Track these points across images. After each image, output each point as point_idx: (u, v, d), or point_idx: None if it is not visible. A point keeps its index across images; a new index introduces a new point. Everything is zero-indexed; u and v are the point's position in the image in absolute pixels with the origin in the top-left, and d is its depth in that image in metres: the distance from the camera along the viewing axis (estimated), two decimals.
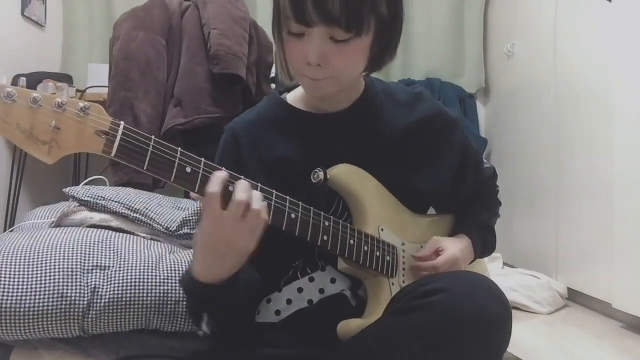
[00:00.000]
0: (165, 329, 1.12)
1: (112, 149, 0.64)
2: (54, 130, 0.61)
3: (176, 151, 0.68)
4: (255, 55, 2.13)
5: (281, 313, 0.87)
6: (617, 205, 1.79)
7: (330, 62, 0.79)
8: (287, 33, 0.80)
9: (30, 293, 1.01)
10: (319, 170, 0.83)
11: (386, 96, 0.96)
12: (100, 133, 0.63)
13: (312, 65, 0.79)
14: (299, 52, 0.79)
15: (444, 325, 0.66)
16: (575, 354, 1.63)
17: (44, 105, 0.60)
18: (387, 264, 0.86)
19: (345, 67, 0.81)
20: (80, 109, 0.62)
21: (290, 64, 0.85)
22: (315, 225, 0.78)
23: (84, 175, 2.53)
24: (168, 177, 0.67)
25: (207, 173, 0.69)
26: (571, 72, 2.21)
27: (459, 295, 0.67)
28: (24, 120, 0.59)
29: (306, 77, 0.82)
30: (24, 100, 0.59)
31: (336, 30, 0.76)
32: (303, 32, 0.78)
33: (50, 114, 0.60)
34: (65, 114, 0.61)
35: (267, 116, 0.94)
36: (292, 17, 0.76)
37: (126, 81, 1.91)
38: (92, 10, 2.79)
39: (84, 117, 0.62)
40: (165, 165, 0.67)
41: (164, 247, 1.23)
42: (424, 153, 0.95)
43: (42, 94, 0.60)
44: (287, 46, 0.82)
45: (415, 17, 2.97)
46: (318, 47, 0.77)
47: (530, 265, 2.36)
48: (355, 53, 0.80)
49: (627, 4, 1.77)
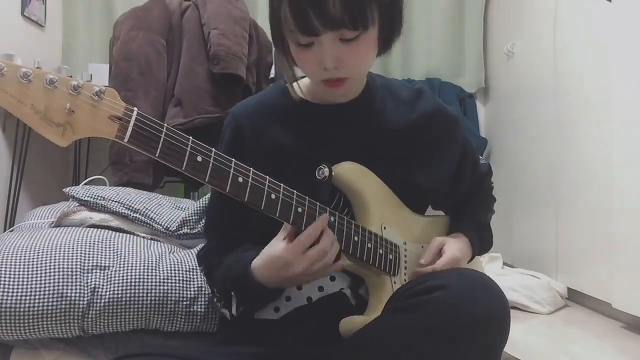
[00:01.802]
0: (165, 329, 1.12)
1: (126, 134, 0.63)
2: (69, 112, 0.60)
3: (188, 139, 0.68)
4: (255, 55, 2.13)
5: (280, 310, 0.87)
6: (617, 205, 1.79)
7: (346, 61, 0.80)
8: (295, 45, 0.80)
9: (30, 293, 1.01)
10: (324, 166, 0.83)
11: (387, 92, 0.97)
12: (114, 118, 0.63)
13: (329, 69, 0.79)
14: (313, 62, 0.80)
15: (442, 322, 0.66)
16: (575, 354, 1.63)
17: (60, 87, 0.59)
18: (389, 262, 0.86)
19: (361, 62, 0.83)
20: (95, 92, 0.62)
21: (306, 74, 0.86)
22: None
23: (84, 175, 2.53)
24: (179, 165, 0.67)
25: (217, 163, 0.69)
26: (571, 72, 2.21)
27: (457, 293, 0.68)
28: (39, 101, 0.58)
29: (325, 84, 0.83)
30: (40, 81, 0.58)
31: (344, 31, 0.76)
32: (312, 41, 0.78)
33: (65, 97, 0.60)
34: (80, 97, 0.61)
35: (270, 104, 0.94)
36: (297, 31, 0.77)
37: (126, 81, 1.91)
38: (92, 10, 2.79)
39: (98, 101, 0.62)
40: (177, 154, 0.67)
41: (164, 247, 1.23)
42: (424, 150, 0.95)
43: (58, 75, 0.60)
44: (299, 58, 0.82)
45: (415, 17, 2.97)
46: (331, 52, 0.78)
47: (530, 265, 2.36)
48: (367, 45, 0.81)
49: (627, 4, 1.77)
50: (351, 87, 0.87)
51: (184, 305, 1.11)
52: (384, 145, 0.93)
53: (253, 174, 0.73)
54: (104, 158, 2.20)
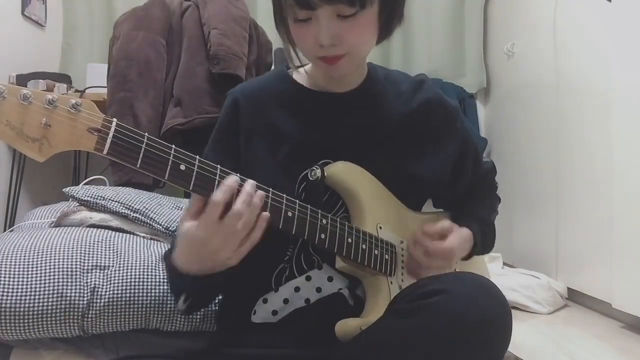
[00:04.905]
0: (165, 329, 1.12)
1: (105, 146, 0.63)
2: (45, 127, 0.59)
3: (170, 148, 0.67)
4: (255, 55, 2.12)
5: (278, 313, 0.86)
6: (617, 205, 1.79)
7: (344, 39, 0.79)
8: (293, 21, 0.80)
9: (30, 293, 1.01)
10: (316, 167, 0.83)
11: (388, 83, 0.97)
12: (93, 130, 0.62)
13: (325, 46, 0.79)
14: (310, 37, 0.80)
15: (444, 327, 0.66)
16: (575, 354, 1.63)
17: (35, 102, 0.59)
18: (385, 262, 0.86)
19: (359, 41, 0.82)
20: (72, 105, 0.61)
21: (303, 51, 0.85)
22: (312, 223, 0.78)
23: (84, 175, 2.53)
24: (162, 175, 0.66)
25: (201, 171, 0.69)
26: (571, 72, 2.21)
27: (460, 297, 0.67)
28: (14, 117, 0.58)
29: (322, 61, 0.82)
30: (14, 97, 0.58)
31: (341, 7, 0.76)
32: (309, 16, 0.78)
33: (41, 111, 0.59)
34: (57, 111, 0.60)
35: (270, 88, 0.94)
36: (295, 4, 0.77)
37: (125, 81, 1.91)
38: (92, 10, 2.79)
39: (75, 114, 0.61)
40: (159, 163, 0.66)
41: (164, 247, 1.23)
42: (423, 141, 0.95)
43: (32, 90, 0.59)
44: (297, 33, 0.82)
45: (415, 17, 2.97)
46: (327, 28, 0.77)
47: (530, 265, 2.36)
48: (366, 25, 0.80)
49: (627, 3, 1.77)
50: (349, 67, 0.85)
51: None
52: (382, 136, 0.92)
53: (241, 180, 0.72)
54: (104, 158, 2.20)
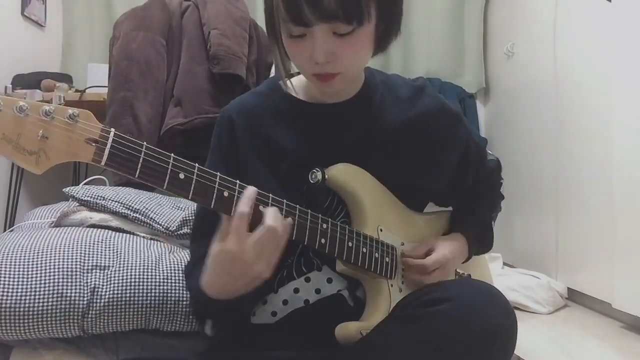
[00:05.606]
0: (165, 329, 1.12)
1: (103, 157, 0.61)
2: (42, 139, 0.58)
3: (169, 157, 0.66)
4: (255, 55, 2.12)
5: (277, 314, 0.86)
6: (617, 205, 1.79)
7: (339, 56, 0.76)
8: (287, 36, 0.77)
9: (30, 293, 1.01)
10: (317, 170, 0.82)
11: (386, 89, 0.94)
12: (90, 141, 0.61)
13: (320, 63, 0.76)
14: (304, 54, 0.77)
15: (450, 335, 0.66)
16: (575, 354, 1.63)
17: (31, 114, 0.57)
18: (386, 265, 0.85)
19: (354, 58, 0.79)
20: (69, 116, 0.60)
21: (297, 66, 0.83)
22: (312, 228, 0.77)
23: (84, 175, 2.53)
24: (161, 185, 0.65)
25: (200, 179, 0.68)
26: (571, 72, 2.20)
27: (466, 305, 0.67)
28: (10, 130, 0.56)
29: (316, 78, 0.80)
30: (10, 110, 0.56)
31: (337, 25, 0.73)
32: (304, 32, 0.75)
33: (37, 123, 0.58)
34: (53, 123, 0.59)
35: (265, 102, 0.92)
36: (289, 20, 0.74)
37: (126, 81, 1.91)
38: (92, 10, 2.79)
39: (72, 124, 0.60)
40: (158, 173, 0.65)
41: (164, 247, 1.23)
42: (423, 148, 0.93)
43: (28, 102, 0.58)
44: (291, 49, 0.79)
45: (415, 17, 2.97)
46: (323, 46, 0.75)
47: (530, 265, 2.36)
48: (362, 42, 0.78)
49: (627, 4, 1.77)
50: (343, 84, 0.83)
51: (184, 305, 1.11)
52: (381, 145, 0.90)
53: (240, 187, 0.70)
54: None
